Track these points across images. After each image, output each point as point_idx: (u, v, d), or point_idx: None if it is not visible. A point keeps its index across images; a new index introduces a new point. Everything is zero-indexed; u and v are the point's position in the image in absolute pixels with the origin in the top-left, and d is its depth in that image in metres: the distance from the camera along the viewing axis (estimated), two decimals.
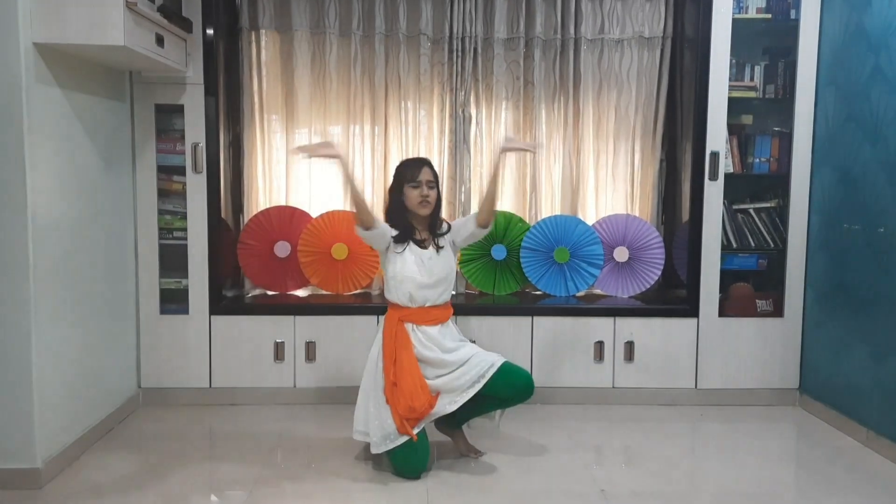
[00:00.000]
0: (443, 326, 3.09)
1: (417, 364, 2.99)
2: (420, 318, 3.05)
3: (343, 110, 4.17)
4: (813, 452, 3.37)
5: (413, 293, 3.03)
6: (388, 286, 3.10)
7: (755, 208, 3.98)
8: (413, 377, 2.95)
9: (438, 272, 3.06)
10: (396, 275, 3.04)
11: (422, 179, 3.06)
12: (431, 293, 3.05)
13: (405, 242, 3.07)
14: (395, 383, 2.95)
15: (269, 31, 4.10)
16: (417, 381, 2.96)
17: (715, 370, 3.93)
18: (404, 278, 3.03)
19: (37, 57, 2.79)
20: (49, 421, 2.91)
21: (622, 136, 4.24)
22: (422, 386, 2.96)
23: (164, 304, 3.80)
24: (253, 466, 3.08)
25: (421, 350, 3.01)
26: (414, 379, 2.95)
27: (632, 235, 4.11)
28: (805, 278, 3.89)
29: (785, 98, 3.89)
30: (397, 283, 3.05)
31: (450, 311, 3.15)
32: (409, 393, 2.92)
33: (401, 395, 2.93)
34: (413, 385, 2.94)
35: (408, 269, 3.03)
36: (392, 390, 2.95)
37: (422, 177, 3.07)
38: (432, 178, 3.10)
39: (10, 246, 2.74)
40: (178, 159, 3.75)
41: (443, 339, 3.05)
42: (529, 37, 4.14)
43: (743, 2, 3.86)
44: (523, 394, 3.03)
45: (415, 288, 3.03)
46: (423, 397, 2.94)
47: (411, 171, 3.09)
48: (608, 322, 3.90)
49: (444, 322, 3.11)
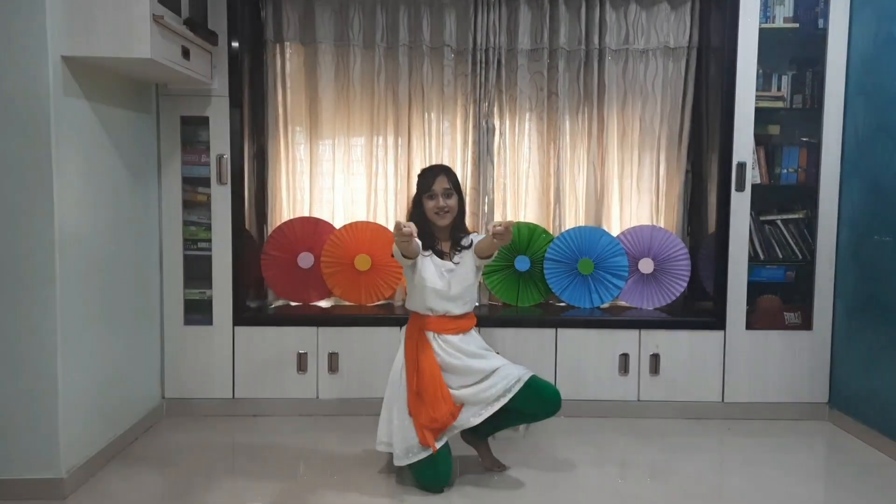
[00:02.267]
0: (465, 335, 3.06)
1: (440, 373, 2.96)
2: (441, 326, 3.02)
3: (366, 122, 4.18)
4: (843, 468, 3.31)
5: (433, 303, 3.01)
6: (410, 295, 3.09)
7: (783, 219, 3.92)
8: (435, 386, 2.92)
9: (457, 286, 3.03)
10: (417, 284, 3.02)
11: (436, 189, 3.04)
12: (452, 305, 3.03)
13: (427, 251, 3.05)
14: (418, 393, 2.93)
15: (294, 44, 4.12)
16: (439, 390, 2.92)
17: (742, 383, 3.86)
18: (425, 287, 3.01)
19: (65, 70, 2.82)
20: (73, 431, 2.93)
21: (647, 146, 4.21)
22: (444, 396, 2.92)
23: (189, 315, 3.81)
24: (275, 479, 3.07)
25: (445, 358, 2.98)
26: (436, 388, 2.92)
27: (657, 247, 4.06)
28: (834, 290, 3.82)
29: (813, 108, 3.84)
30: (418, 292, 3.03)
31: (472, 321, 3.13)
32: (430, 402, 2.90)
33: (422, 404, 2.91)
34: (435, 394, 2.91)
35: (429, 278, 3.01)
36: (415, 400, 2.93)
37: (436, 186, 3.04)
38: (449, 185, 3.06)
39: (36, 256, 2.76)
40: (203, 171, 3.77)
41: (466, 346, 3.02)
42: (553, 47, 4.13)
43: (770, 11, 3.81)
44: (550, 409, 2.99)
45: (435, 298, 3.01)
46: (445, 407, 2.91)
47: (427, 180, 3.07)
48: (633, 334, 3.86)
49: (467, 331, 3.08)
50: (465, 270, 3.07)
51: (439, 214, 3.05)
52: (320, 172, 4.21)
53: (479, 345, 3.10)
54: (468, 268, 3.08)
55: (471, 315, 3.12)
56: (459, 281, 3.04)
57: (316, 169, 4.20)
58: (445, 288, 3.02)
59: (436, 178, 3.06)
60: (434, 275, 3.02)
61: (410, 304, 3.10)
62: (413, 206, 3.15)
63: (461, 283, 3.04)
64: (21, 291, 2.76)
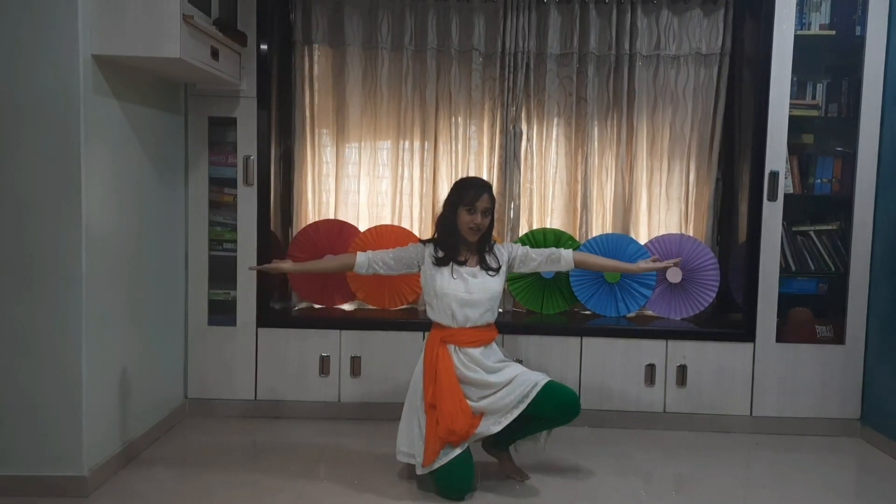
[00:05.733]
0: (486, 348, 3.03)
1: (459, 386, 2.93)
2: (462, 339, 2.99)
3: (393, 125, 4.16)
4: (875, 487, 3.22)
5: (455, 310, 2.98)
6: (430, 304, 3.06)
7: (815, 230, 3.84)
8: (454, 399, 2.89)
9: (480, 291, 3.00)
10: (437, 291, 2.99)
11: (478, 207, 2.99)
12: (473, 312, 2.99)
13: (447, 264, 3.03)
14: (432, 405, 2.89)
15: (322, 46, 4.12)
16: (458, 403, 2.89)
17: (771, 397, 3.79)
18: (445, 295, 2.98)
19: (95, 69, 2.83)
20: (97, 429, 2.93)
21: (677, 154, 4.15)
22: (462, 409, 2.89)
23: (212, 316, 3.82)
24: (296, 482, 3.05)
25: (464, 371, 2.95)
26: (454, 401, 2.88)
27: (686, 256, 3.99)
28: (868, 304, 3.73)
29: (849, 117, 3.76)
30: (438, 300, 3.00)
31: (494, 334, 3.09)
32: (449, 415, 2.85)
33: (441, 417, 2.86)
34: (454, 407, 2.87)
35: (447, 285, 2.98)
36: (430, 412, 2.89)
37: (479, 204, 2.99)
38: (489, 205, 3.03)
39: (63, 254, 2.77)
40: (230, 172, 3.77)
41: (486, 360, 2.99)
42: (583, 52, 4.08)
43: (806, 18, 3.74)
44: (570, 413, 2.95)
45: (456, 304, 2.97)
46: (464, 420, 2.87)
47: (471, 195, 3.01)
48: (660, 345, 3.80)
49: (488, 344, 3.05)
50: (492, 282, 3.04)
51: (472, 230, 3.02)
52: (346, 175, 4.20)
53: (497, 357, 3.06)
54: (496, 281, 3.05)
55: (492, 326, 3.09)
56: (482, 286, 3.01)
57: (342, 172, 4.19)
58: (467, 293, 2.98)
59: (480, 195, 3.00)
60: (452, 281, 2.99)
61: (431, 314, 3.08)
62: (447, 211, 3.08)
63: (484, 288, 3.01)
64: (47, 289, 2.77)
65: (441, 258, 3.04)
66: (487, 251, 3.11)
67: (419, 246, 3.13)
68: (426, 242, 3.14)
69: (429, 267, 3.06)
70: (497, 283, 3.06)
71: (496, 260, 3.10)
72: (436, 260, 3.04)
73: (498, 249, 3.15)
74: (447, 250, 3.05)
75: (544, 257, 3.19)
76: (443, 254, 3.04)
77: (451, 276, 3.00)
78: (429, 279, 3.04)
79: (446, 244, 3.06)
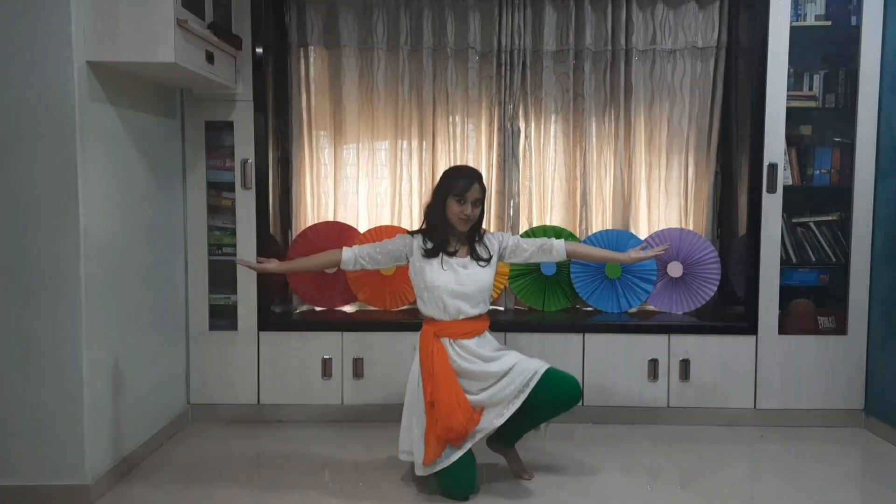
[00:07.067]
0: (480, 338, 3.00)
1: (455, 380, 2.89)
2: (456, 331, 2.94)
3: (391, 125, 4.15)
4: (879, 477, 3.22)
5: (446, 302, 2.93)
6: (421, 298, 3.01)
7: (815, 222, 3.84)
8: (450, 394, 2.84)
9: (471, 283, 2.95)
10: (427, 283, 2.94)
11: (469, 197, 2.95)
12: (465, 304, 2.95)
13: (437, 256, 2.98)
14: (432, 403, 2.85)
15: (318, 48, 4.11)
16: (454, 398, 2.84)
17: (775, 390, 3.78)
18: (435, 287, 2.93)
19: (90, 75, 2.82)
20: (99, 437, 2.93)
21: (675, 148, 4.14)
22: (460, 403, 2.84)
23: (213, 320, 3.81)
24: (300, 485, 3.05)
25: (462, 364, 2.92)
26: (451, 396, 2.84)
27: (686, 250, 3.99)
28: (870, 294, 3.73)
29: (846, 107, 3.75)
30: (429, 293, 2.95)
31: (487, 323, 3.05)
32: (445, 413, 2.81)
33: (438, 415, 2.83)
34: (450, 403, 2.83)
35: (438, 276, 2.93)
36: (429, 411, 2.86)
37: (470, 195, 2.95)
38: (480, 195, 2.98)
39: (61, 260, 2.76)
40: (228, 175, 3.76)
41: (482, 350, 2.96)
42: (579, 49, 4.07)
43: (801, 9, 3.74)
44: (570, 399, 2.93)
45: (448, 296, 2.92)
46: (461, 416, 2.82)
47: (461, 185, 2.95)
48: (662, 339, 3.79)
49: (481, 333, 3.02)
50: (482, 273, 3.00)
51: (463, 220, 2.98)
52: (344, 177, 4.19)
53: (493, 346, 3.04)
54: (486, 271, 3.01)
55: (485, 316, 3.05)
56: (474, 277, 2.97)
57: (340, 173, 4.18)
58: (458, 284, 2.94)
59: (471, 185, 2.95)
60: (443, 272, 2.94)
61: (423, 307, 3.02)
62: (435, 200, 3.03)
63: (476, 279, 2.97)
64: (46, 296, 2.76)
65: (430, 249, 2.98)
66: (478, 241, 3.06)
67: (406, 237, 3.07)
68: (414, 233, 3.08)
69: (418, 259, 3.00)
70: (488, 274, 3.01)
71: (487, 250, 3.06)
72: (425, 251, 2.98)
73: (488, 239, 3.10)
74: (437, 241, 2.99)
75: (536, 247, 3.14)
76: (432, 245, 2.99)
77: (441, 268, 2.95)
78: (418, 271, 2.99)
79: (436, 235, 3.00)
